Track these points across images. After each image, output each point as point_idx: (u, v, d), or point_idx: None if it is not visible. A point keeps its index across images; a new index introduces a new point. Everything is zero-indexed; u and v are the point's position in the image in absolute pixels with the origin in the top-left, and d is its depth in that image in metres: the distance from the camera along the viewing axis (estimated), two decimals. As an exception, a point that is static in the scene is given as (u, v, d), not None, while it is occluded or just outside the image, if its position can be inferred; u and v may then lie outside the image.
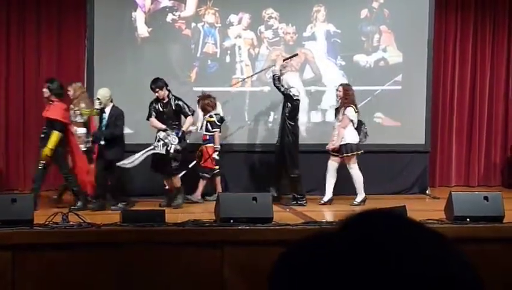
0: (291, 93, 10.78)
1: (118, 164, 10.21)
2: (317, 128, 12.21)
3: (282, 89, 10.77)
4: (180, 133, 10.54)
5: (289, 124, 10.79)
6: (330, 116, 12.05)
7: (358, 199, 10.76)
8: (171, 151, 10.46)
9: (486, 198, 8.62)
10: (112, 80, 11.39)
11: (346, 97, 10.81)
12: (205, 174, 11.17)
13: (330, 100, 12.14)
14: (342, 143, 10.70)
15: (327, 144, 10.89)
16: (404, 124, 12.34)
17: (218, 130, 11.29)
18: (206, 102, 11.27)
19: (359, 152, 10.78)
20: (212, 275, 7.69)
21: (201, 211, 9.73)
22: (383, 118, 12.39)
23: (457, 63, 13.29)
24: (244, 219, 8.16)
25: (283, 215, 9.39)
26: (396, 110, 12.33)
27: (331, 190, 10.75)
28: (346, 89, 10.89)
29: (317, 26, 12.28)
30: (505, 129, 13.50)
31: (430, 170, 12.76)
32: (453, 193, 8.83)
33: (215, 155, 11.18)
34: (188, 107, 10.72)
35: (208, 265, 7.69)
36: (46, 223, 8.02)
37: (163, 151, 10.48)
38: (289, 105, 10.79)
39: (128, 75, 11.60)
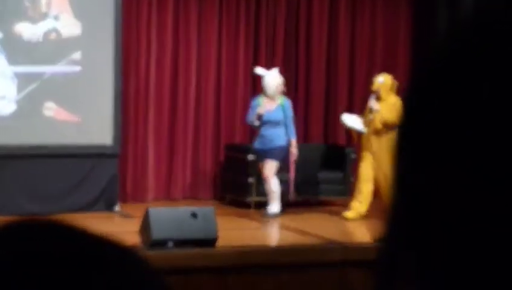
0: None
1: None
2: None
3: None
4: None
5: None
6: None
7: None
8: None
9: (194, 215, 8.23)
10: None
11: None
12: None
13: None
14: None
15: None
16: (84, 119, 10.57)
17: None
18: None
19: None
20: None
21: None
22: (55, 110, 10.51)
23: (154, 34, 11.45)
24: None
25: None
26: (73, 99, 10.53)
27: None
28: None
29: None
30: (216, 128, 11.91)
31: (121, 179, 10.98)
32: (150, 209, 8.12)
33: None
34: None
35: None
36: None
37: None
38: None
39: None
